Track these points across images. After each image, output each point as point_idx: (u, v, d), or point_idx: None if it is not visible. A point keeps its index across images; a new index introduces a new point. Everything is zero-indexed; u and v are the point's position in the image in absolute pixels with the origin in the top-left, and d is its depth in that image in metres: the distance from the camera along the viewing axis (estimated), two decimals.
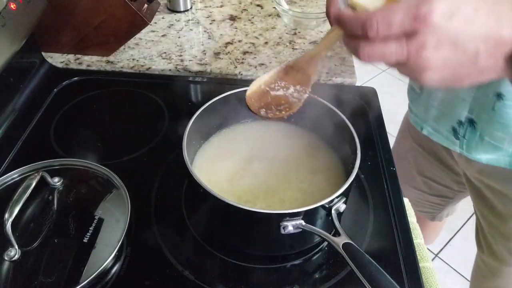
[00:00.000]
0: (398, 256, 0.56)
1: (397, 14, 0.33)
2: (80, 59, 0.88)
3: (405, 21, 0.33)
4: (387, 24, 0.34)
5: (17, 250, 0.51)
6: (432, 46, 0.34)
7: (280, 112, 0.54)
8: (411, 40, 0.34)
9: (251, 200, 0.56)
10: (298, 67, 0.53)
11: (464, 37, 0.33)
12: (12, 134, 0.71)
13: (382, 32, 0.34)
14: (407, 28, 0.33)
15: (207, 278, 0.53)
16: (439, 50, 0.34)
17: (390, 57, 0.35)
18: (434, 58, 0.34)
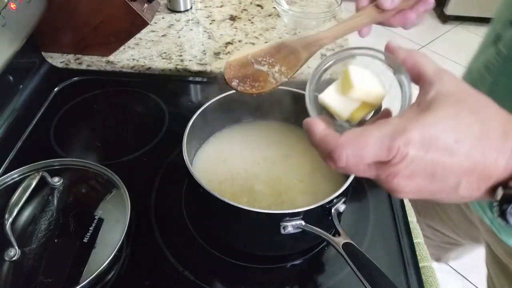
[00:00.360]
0: (398, 256, 0.56)
1: (369, 147, 0.31)
2: (80, 59, 0.88)
3: (378, 154, 0.31)
4: (359, 157, 0.32)
5: (17, 250, 0.51)
6: (405, 176, 0.31)
7: (251, 88, 0.51)
8: (382, 168, 0.32)
9: (251, 200, 0.56)
10: (293, 48, 0.50)
11: (443, 170, 0.31)
12: (12, 134, 0.71)
13: (352, 165, 0.32)
14: (380, 160, 0.31)
15: (207, 278, 0.53)
16: (412, 179, 0.31)
17: (357, 174, 0.33)
18: (407, 186, 0.32)
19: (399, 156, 0.30)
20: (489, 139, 0.31)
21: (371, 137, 0.31)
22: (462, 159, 0.30)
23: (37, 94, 0.79)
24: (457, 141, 0.30)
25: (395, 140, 0.30)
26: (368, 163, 0.32)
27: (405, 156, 0.30)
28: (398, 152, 0.30)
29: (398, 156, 0.30)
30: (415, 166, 0.31)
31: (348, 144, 0.32)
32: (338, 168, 0.33)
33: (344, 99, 0.40)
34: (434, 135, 0.30)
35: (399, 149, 0.30)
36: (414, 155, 0.30)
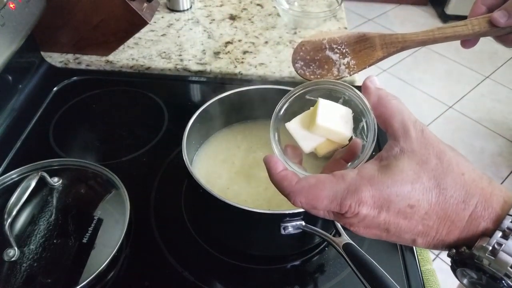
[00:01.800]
0: (399, 257, 0.56)
1: (321, 200, 0.32)
2: (79, 58, 0.88)
3: (331, 207, 0.32)
4: (312, 206, 0.33)
5: (16, 250, 0.51)
6: (361, 227, 0.33)
7: (311, 75, 0.48)
8: (338, 217, 0.33)
9: (251, 200, 0.56)
10: (372, 42, 0.46)
11: (396, 229, 0.31)
12: (11, 134, 0.71)
13: (308, 210, 0.33)
14: (332, 213, 0.33)
15: (207, 278, 0.53)
16: (369, 230, 0.33)
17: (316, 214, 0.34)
18: (366, 233, 0.33)
19: (350, 212, 0.31)
20: (446, 208, 0.31)
21: (324, 190, 0.32)
22: (415, 223, 0.31)
23: (36, 94, 0.78)
24: (412, 206, 0.31)
25: (346, 199, 0.31)
26: (321, 213, 0.33)
27: (356, 214, 0.31)
28: (349, 209, 0.31)
29: (349, 213, 0.31)
30: (368, 222, 0.32)
31: (302, 193, 0.33)
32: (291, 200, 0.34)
33: (308, 133, 0.40)
34: (387, 198, 0.31)
35: (350, 206, 0.31)
36: (365, 214, 0.31)
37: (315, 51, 0.48)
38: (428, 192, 0.31)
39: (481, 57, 2.62)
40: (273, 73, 0.86)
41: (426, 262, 0.61)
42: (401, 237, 0.32)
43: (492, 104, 2.30)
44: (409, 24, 2.91)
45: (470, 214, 0.31)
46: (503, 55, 2.63)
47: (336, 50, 0.47)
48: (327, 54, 0.47)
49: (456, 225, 0.31)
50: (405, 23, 2.92)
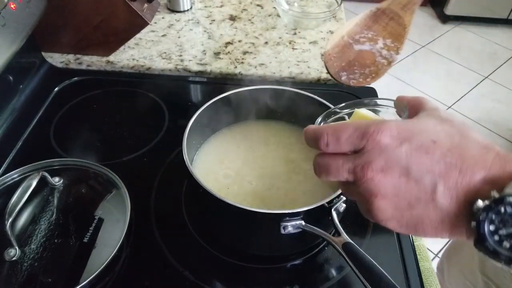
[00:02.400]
0: (398, 256, 0.56)
1: (346, 130, 0.33)
2: (80, 59, 0.88)
3: (353, 136, 0.32)
4: (336, 138, 0.33)
5: (17, 250, 0.51)
6: (379, 167, 0.31)
7: (365, 78, 0.44)
8: (358, 157, 0.32)
9: (251, 200, 0.56)
10: (392, 12, 0.43)
11: (417, 166, 0.30)
12: (12, 134, 0.71)
13: (331, 146, 0.34)
14: (354, 144, 0.33)
15: (207, 278, 0.53)
16: (387, 173, 0.31)
17: (337, 171, 0.34)
18: (382, 182, 0.31)
19: (371, 141, 0.31)
20: (468, 149, 0.30)
21: (350, 124, 0.33)
22: (437, 159, 0.30)
23: (37, 94, 0.79)
24: (434, 141, 0.30)
25: (369, 127, 0.32)
26: (344, 148, 0.33)
27: (377, 142, 0.31)
28: (370, 137, 0.31)
29: (370, 142, 0.31)
30: (388, 157, 0.31)
31: (330, 128, 0.34)
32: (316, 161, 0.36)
33: None
34: (411, 130, 0.31)
35: (372, 135, 0.31)
36: (387, 143, 0.31)
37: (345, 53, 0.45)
38: (450, 135, 0.31)
39: (481, 57, 2.62)
40: (273, 74, 0.86)
41: (425, 261, 0.61)
42: (421, 182, 0.30)
43: (491, 104, 2.31)
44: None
45: (494, 157, 0.30)
46: (502, 55, 2.64)
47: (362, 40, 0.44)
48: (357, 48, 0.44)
49: (480, 165, 0.29)
50: None
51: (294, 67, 0.87)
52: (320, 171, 0.36)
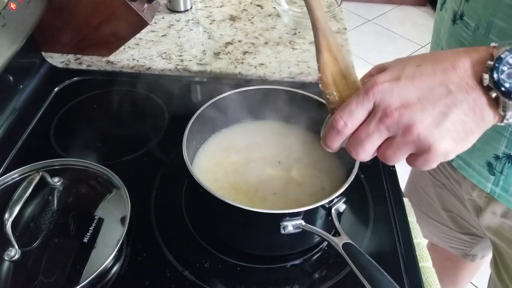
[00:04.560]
0: (398, 256, 0.56)
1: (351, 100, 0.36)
2: (80, 59, 0.88)
3: (359, 100, 0.35)
4: (348, 112, 0.36)
5: (17, 250, 0.51)
6: (398, 104, 0.35)
7: None
8: (376, 112, 0.35)
9: (251, 200, 0.56)
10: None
11: (424, 85, 0.34)
12: (12, 134, 0.71)
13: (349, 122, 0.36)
14: (365, 105, 0.36)
15: (207, 278, 0.53)
16: (408, 104, 0.34)
17: (369, 137, 0.36)
18: (410, 113, 0.34)
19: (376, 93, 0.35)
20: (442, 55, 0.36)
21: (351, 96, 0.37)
22: (431, 72, 0.35)
23: (37, 94, 0.79)
24: (419, 65, 0.35)
25: (365, 85, 0.36)
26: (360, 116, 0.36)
27: (381, 90, 0.35)
28: (372, 91, 0.35)
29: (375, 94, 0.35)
30: (398, 93, 0.35)
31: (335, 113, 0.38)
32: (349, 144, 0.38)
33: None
34: (397, 70, 0.35)
35: (372, 88, 0.35)
36: (388, 85, 0.35)
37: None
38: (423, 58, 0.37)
39: None
40: (273, 74, 0.86)
41: (425, 261, 0.61)
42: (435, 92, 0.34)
43: None
44: (408, 25, 2.91)
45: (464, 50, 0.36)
46: None
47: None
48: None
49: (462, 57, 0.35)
50: (404, 24, 2.93)
51: (294, 67, 0.87)
52: (358, 151, 0.37)
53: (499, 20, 0.50)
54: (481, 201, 0.69)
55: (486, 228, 0.72)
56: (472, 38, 0.56)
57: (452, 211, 0.83)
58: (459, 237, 0.88)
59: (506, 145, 0.58)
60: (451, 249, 0.93)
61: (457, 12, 0.59)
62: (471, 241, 0.88)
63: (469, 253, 0.92)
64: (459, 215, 0.82)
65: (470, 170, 0.66)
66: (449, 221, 0.86)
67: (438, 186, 0.82)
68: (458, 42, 0.60)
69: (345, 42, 0.95)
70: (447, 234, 0.90)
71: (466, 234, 0.86)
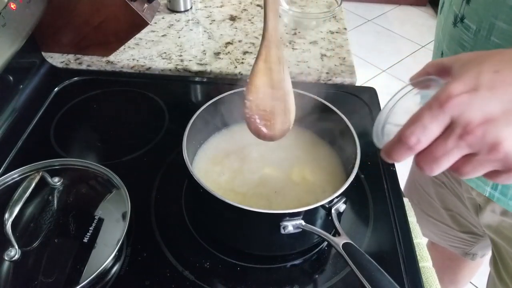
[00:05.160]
0: (398, 256, 0.56)
1: (423, 114, 0.32)
2: (80, 59, 0.88)
3: (434, 115, 0.32)
4: (422, 128, 0.33)
5: (17, 250, 0.51)
6: (480, 119, 0.31)
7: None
8: (455, 128, 0.32)
9: (251, 200, 0.56)
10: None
11: (506, 96, 0.31)
12: (12, 134, 0.71)
13: (423, 138, 0.33)
14: (440, 120, 0.32)
15: (207, 278, 0.53)
16: (491, 118, 0.31)
17: (447, 154, 0.33)
18: (495, 128, 0.31)
19: (453, 106, 0.31)
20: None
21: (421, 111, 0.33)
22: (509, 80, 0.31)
23: (37, 94, 0.79)
24: (496, 71, 0.32)
25: (439, 97, 0.32)
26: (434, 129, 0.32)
27: (458, 103, 0.31)
28: (448, 104, 0.31)
29: (452, 108, 0.31)
30: (478, 106, 0.31)
31: (406, 128, 0.34)
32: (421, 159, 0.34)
33: None
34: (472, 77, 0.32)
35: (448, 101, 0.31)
36: (465, 99, 0.31)
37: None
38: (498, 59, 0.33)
39: None
40: None
41: (425, 261, 0.61)
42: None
43: None
44: (408, 25, 2.91)
45: None
46: None
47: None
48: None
49: None
50: (404, 24, 2.93)
51: (294, 67, 0.87)
52: (433, 168, 0.34)
53: (501, 22, 0.49)
54: (481, 200, 0.69)
55: (485, 226, 0.73)
56: (474, 41, 0.56)
57: (452, 210, 0.84)
58: (459, 236, 0.88)
59: None
60: (451, 247, 0.94)
61: (458, 15, 0.58)
62: (471, 240, 0.88)
63: (469, 252, 0.92)
64: (459, 214, 0.82)
65: None
66: (449, 220, 0.86)
67: (438, 185, 0.82)
68: (459, 45, 0.60)
69: (345, 42, 0.95)
70: (447, 233, 0.90)
71: (466, 233, 0.87)
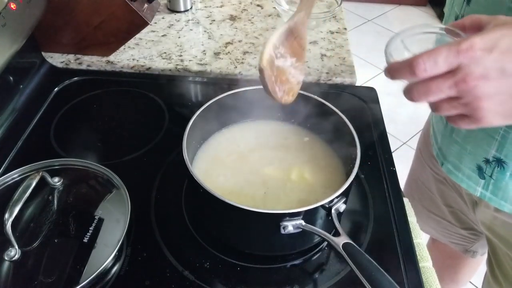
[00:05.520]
0: (398, 256, 0.56)
1: (441, 52, 0.36)
2: (80, 59, 0.88)
3: (449, 56, 0.36)
4: (434, 61, 0.37)
5: (17, 250, 0.51)
6: (479, 75, 0.36)
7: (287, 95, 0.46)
8: (457, 73, 0.37)
9: (251, 200, 0.56)
10: (297, 31, 0.45)
11: (509, 64, 0.36)
12: (12, 134, 0.71)
13: (430, 70, 0.37)
14: (451, 62, 0.36)
15: (207, 278, 0.53)
16: (487, 78, 0.36)
17: (439, 90, 0.38)
18: (485, 86, 0.36)
19: (465, 56, 0.36)
20: None
21: (442, 47, 0.37)
22: None
23: (37, 94, 0.79)
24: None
25: (460, 45, 0.36)
26: (442, 69, 0.37)
27: (471, 56, 0.36)
28: (464, 53, 0.36)
29: (464, 57, 0.36)
30: (484, 65, 0.36)
31: (423, 54, 0.37)
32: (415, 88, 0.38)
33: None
34: (494, 40, 0.36)
35: (465, 51, 0.36)
36: (479, 54, 0.36)
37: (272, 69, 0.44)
38: None
39: None
40: None
41: (425, 261, 0.61)
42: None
43: None
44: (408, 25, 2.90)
45: None
46: None
47: (278, 55, 0.45)
48: (277, 64, 0.45)
49: None
50: (404, 24, 2.92)
51: None
52: (421, 98, 0.39)
53: None
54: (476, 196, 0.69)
55: (481, 223, 0.73)
56: None
57: (453, 207, 0.84)
58: (460, 233, 0.89)
59: (497, 148, 0.59)
60: (452, 244, 0.94)
61: (459, 15, 0.59)
62: (471, 237, 0.88)
63: (470, 249, 0.93)
64: (460, 211, 0.83)
65: (460, 175, 0.67)
66: (450, 216, 0.87)
67: (439, 181, 0.83)
68: None
69: (345, 42, 0.95)
70: (448, 229, 0.90)
71: (467, 229, 0.87)
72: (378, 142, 0.72)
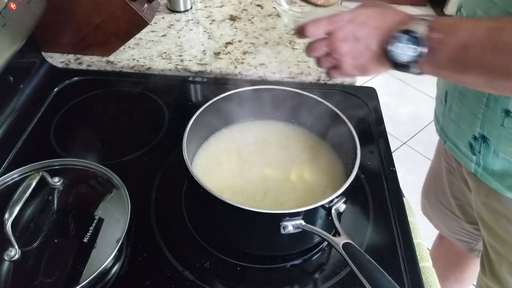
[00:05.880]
0: (398, 256, 0.56)
1: (322, 20, 0.51)
2: (80, 59, 0.88)
3: (326, 24, 0.51)
4: (316, 27, 0.51)
5: (17, 250, 0.51)
6: (341, 38, 0.50)
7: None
8: (330, 36, 0.51)
9: (251, 200, 0.56)
10: None
11: (360, 33, 0.50)
12: (12, 134, 0.71)
13: (313, 31, 0.51)
14: (326, 28, 0.51)
15: (207, 278, 0.53)
16: (346, 41, 0.50)
17: (319, 48, 0.52)
18: (345, 46, 0.50)
19: (335, 25, 0.50)
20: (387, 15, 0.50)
21: (324, 17, 0.51)
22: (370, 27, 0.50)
23: (37, 94, 0.79)
24: (368, 17, 0.50)
25: (334, 17, 0.51)
26: (321, 33, 0.51)
27: (338, 25, 0.50)
28: (335, 23, 0.50)
29: (335, 25, 0.50)
30: (344, 32, 0.50)
31: (311, 21, 0.52)
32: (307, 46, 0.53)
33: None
34: (355, 15, 0.51)
35: (335, 21, 0.51)
36: (342, 24, 0.50)
37: None
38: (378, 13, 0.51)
39: None
40: (273, 74, 0.86)
41: (425, 261, 0.61)
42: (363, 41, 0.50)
43: None
44: None
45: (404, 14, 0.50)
46: None
47: None
48: None
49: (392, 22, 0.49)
50: None
51: (294, 67, 0.87)
52: (309, 49, 0.53)
53: (480, 11, 0.59)
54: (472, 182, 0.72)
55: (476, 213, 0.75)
56: None
57: (460, 199, 0.86)
58: (465, 228, 0.91)
59: (480, 126, 0.63)
60: (458, 242, 0.95)
61: (459, 4, 0.68)
62: (476, 233, 0.90)
63: (475, 248, 0.94)
64: (467, 203, 0.85)
65: (458, 152, 0.71)
66: (457, 209, 0.89)
67: (450, 171, 0.85)
68: None
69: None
70: (455, 224, 0.92)
71: (471, 223, 0.88)
72: (378, 142, 0.72)
